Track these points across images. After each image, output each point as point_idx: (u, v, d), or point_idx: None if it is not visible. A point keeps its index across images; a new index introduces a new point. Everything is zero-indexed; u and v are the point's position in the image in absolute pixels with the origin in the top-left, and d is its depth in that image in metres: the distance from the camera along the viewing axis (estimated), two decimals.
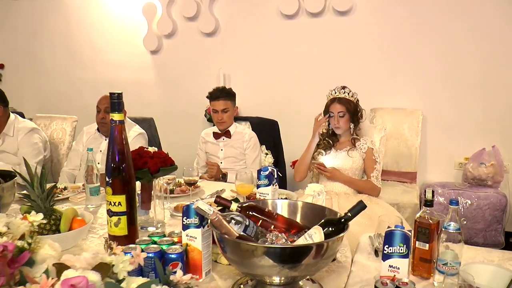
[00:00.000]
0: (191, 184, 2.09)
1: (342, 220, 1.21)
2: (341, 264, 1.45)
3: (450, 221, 1.31)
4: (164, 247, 1.34)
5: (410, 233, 1.17)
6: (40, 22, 4.71)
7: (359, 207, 1.21)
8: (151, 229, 1.75)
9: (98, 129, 2.88)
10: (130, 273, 1.32)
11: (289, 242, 1.25)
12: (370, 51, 3.65)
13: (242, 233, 1.22)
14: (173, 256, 1.30)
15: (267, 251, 1.11)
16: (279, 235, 1.27)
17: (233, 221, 1.23)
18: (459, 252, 1.34)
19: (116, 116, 1.50)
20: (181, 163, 3.04)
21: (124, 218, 1.51)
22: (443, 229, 1.32)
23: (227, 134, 2.91)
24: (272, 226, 1.30)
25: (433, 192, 1.38)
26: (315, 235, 1.19)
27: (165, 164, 1.71)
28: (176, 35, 4.34)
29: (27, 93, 4.82)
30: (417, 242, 1.38)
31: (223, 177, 2.76)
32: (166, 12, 4.25)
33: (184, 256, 1.32)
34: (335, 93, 2.57)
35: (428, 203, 1.38)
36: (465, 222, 3.37)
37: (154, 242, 1.39)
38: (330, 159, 2.60)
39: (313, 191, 1.84)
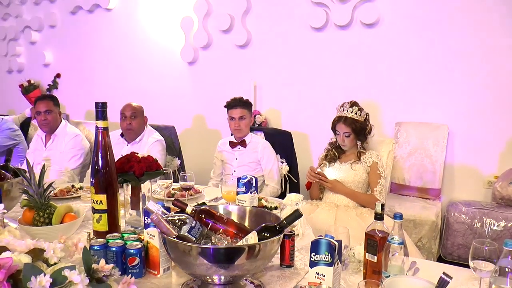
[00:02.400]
0: (187, 189, 2.21)
1: (278, 227, 1.27)
2: (296, 271, 1.50)
3: (394, 234, 1.32)
4: (128, 243, 1.47)
5: (336, 243, 1.20)
6: (92, 35, 5.13)
7: (294, 216, 1.26)
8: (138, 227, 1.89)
9: (121, 135, 3.10)
10: None
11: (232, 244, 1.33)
12: (397, 63, 3.61)
13: (186, 233, 1.32)
14: (132, 251, 1.42)
15: (201, 251, 1.20)
16: (222, 238, 1.35)
17: (179, 222, 1.33)
18: (405, 266, 1.35)
19: (100, 123, 1.66)
20: (204, 171, 3.20)
21: (105, 216, 1.67)
22: (387, 242, 1.33)
23: (242, 143, 3.01)
24: (221, 230, 1.39)
25: (382, 205, 1.39)
26: (251, 239, 1.26)
27: (150, 168, 1.85)
28: (211, 47, 4.54)
29: (78, 100, 5.25)
30: (367, 254, 1.40)
31: None
32: (202, 25, 4.46)
33: (142, 252, 1.44)
34: (343, 110, 2.58)
35: (378, 216, 1.39)
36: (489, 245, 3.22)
37: (122, 238, 1.52)
38: (334, 171, 2.62)
39: (290, 200, 1.90)
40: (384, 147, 2.73)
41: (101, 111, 1.66)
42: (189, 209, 1.43)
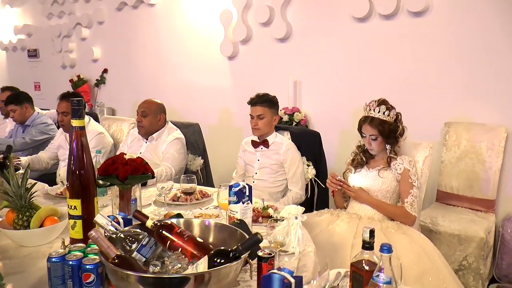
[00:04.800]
0: (188, 193, 2.05)
1: (233, 252, 1.06)
2: None
3: (380, 271, 1.05)
4: (88, 256, 1.33)
5: (293, 279, 0.96)
6: (136, 31, 5.15)
7: (252, 241, 1.05)
8: None
9: None
10: (55, 280, 1.35)
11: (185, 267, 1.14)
12: (447, 56, 3.19)
13: (136, 253, 1.15)
14: (87, 266, 1.26)
15: (140, 280, 1.03)
16: (180, 259, 1.16)
17: (128, 239, 1.16)
18: None
19: (75, 122, 1.53)
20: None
21: (79, 222, 1.54)
22: (372, 281, 1.07)
23: (265, 143, 2.81)
24: (180, 249, 1.20)
25: (371, 232, 1.12)
26: (200, 265, 1.07)
27: (136, 172, 1.70)
28: (251, 41, 4.35)
29: (124, 95, 5.31)
30: None
31: None
32: (241, 18, 4.28)
33: (100, 268, 1.28)
34: (369, 109, 2.28)
35: (367, 245, 1.13)
36: None
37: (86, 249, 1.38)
38: (360, 178, 2.33)
39: (288, 213, 1.67)
40: (420, 152, 2.39)
41: (76, 109, 1.53)
42: (149, 223, 1.27)
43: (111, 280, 1.11)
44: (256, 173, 2.81)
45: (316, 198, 2.93)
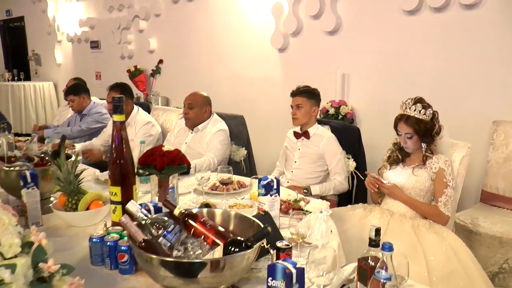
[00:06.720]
0: (225, 183, 2.16)
1: (246, 243, 1.16)
2: None
3: (383, 267, 1.11)
4: (124, 238, 1.48)
5: (293, 270, 1.03)
6: (190, 23, 5.33)
7: (262, 234, 1.13)
8: None
9: None
10: (95, 257, 1.51)
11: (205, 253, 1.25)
12: (499, 51, 3.05)
13: (162, 238, 1.27)
14: (122, 248, 1.41)
15: (162, 263, 1.15)
16: (201, 245, 1.27)
17: (155, 225, 1.28)
18: None
19: (116, 117, 1.68)
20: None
21: (119, 207, 1.70)
22: (373, 276, 1.12)
23: (306, 134, 2.88)
24: (202, 236, 1.32)
25: (377, 230, 1.17)
26: (217, 252, 1.17)
27: (172, 163, 1.84)
28: (301, 34, 4.37)
29: (178, 85, 5.54)
30: (358, 283, 1.21)
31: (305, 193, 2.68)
32: (292, 11, 4.32)
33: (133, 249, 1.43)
34: (405, 108, 2.28)
35: (373, 243, 1.18)
36: None
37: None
38: (395, 175, 2.34)
39: (313, 207, 1.74)
40: (457, 152, 2.35)
41: (117, 105, 1.68)
42: (176, 211, 1.39)
43: (138, 261, 1.24)
44: (295, 161, 2.89)
45: (355, 191, 2.96)
